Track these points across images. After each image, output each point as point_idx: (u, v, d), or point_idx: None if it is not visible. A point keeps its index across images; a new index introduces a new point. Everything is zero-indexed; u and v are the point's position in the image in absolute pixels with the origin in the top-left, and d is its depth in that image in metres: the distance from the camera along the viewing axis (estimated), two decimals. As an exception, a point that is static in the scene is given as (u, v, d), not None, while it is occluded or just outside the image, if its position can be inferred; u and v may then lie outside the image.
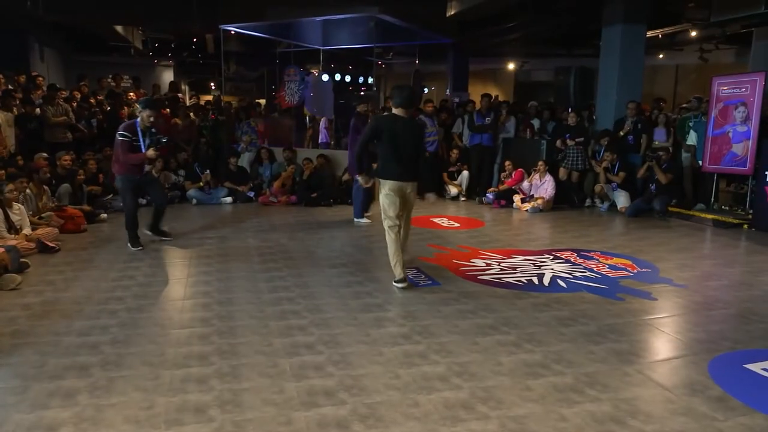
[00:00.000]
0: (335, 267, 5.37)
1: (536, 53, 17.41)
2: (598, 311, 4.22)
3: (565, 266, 5.46)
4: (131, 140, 5.86)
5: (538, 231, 7.46)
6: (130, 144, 5.85)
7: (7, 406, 2.75)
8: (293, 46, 12.48)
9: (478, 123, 9.55)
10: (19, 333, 3.64)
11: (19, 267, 4.83)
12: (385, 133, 4.66)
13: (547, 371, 3.20)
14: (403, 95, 4.75)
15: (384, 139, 4.66)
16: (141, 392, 2.90)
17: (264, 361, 3.29)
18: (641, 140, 8.81)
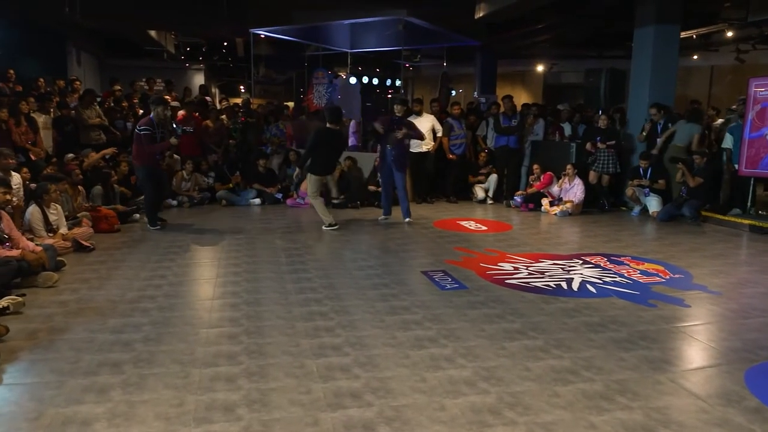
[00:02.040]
0: (362, 269, 5.39)
1: (566, 55, 17.20)
2: (629, 317, 4.14)
3: (595, 271, 5.38)
4: (152, 132, 6.68)
5: (566, 235, 7.36)
6: (152, 136, 6.70)
7: (43, 400, 2.83)
8: (321, 49, 12.58)
9: (505, 125, 9.47)
10: (56, 329, 3.75)
11: (56, 265, 4.97)
12: (323, 142, 7.12)
13: (576, 377, 3.16)
14: (334, 114, 7.27)
15: (322, 145, 7.12)
16: (171, 390, 2.96)
17: (291, 361, 3.31)
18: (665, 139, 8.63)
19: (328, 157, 7.31)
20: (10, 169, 5.90)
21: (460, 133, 9.63)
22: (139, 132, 6.76)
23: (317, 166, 7.14)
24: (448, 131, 9.52)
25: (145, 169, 6.89)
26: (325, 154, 7.17)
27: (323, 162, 7.19)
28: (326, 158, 7.25)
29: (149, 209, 7.01)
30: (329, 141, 7.14)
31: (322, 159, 7.15)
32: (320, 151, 7.08)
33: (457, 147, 9.61)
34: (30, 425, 2.61)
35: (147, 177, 6.92)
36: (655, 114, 8.72)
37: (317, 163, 7.12)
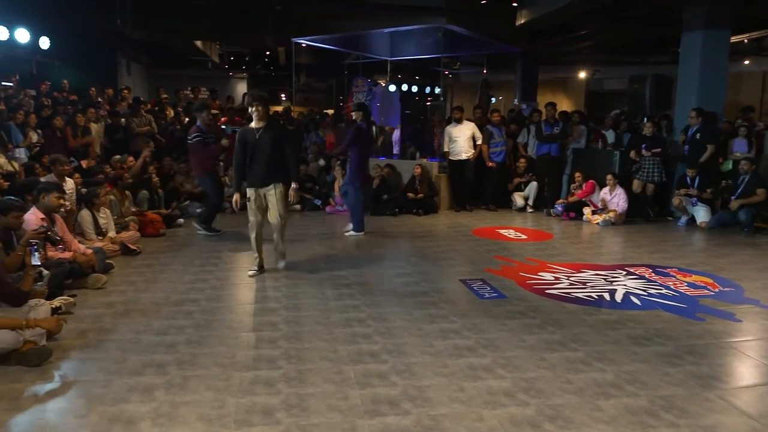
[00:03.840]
0: (400, 276, 5.39)
1: (609, 61, 16.84)
2: (675, 331, 4.01)
3: (640, 282, 5.23)
4: (204, 138, 6.92)
5: (609, 245, 7.18)
6: (204, 141, 6.94)
7: (91, 398, 2.93)
8: (361, 58, 12.69)
9: (547, 132, 9.33)
10: (104, 330, 3.88)
11: (105, 268, 5.15)
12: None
13: (619, 392, 3.07)
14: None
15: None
16: (213, 392, 3.02)
17: (329, 367, 3.34)
18: (704, 150, 8.30)
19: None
20: (65, 175, 6.16)
21: (500, 141, 9.54)
22: (191, 141, 6.93)
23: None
24: (488, 139, 9.44)
25: (209, 177, 7.15)
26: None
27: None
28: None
29: (209, 216, 7.16)
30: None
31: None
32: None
33: (497, 155, 9.52)
34: (78, 422, 2.71)
35: (213, 184, 7.19)
36: (693, 117, 8.42)
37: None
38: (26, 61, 9.32)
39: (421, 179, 9.16)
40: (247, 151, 5.12)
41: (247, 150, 5.12)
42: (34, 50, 8.07)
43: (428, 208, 9.04)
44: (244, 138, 5.16)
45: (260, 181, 5.17)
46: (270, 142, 5.08)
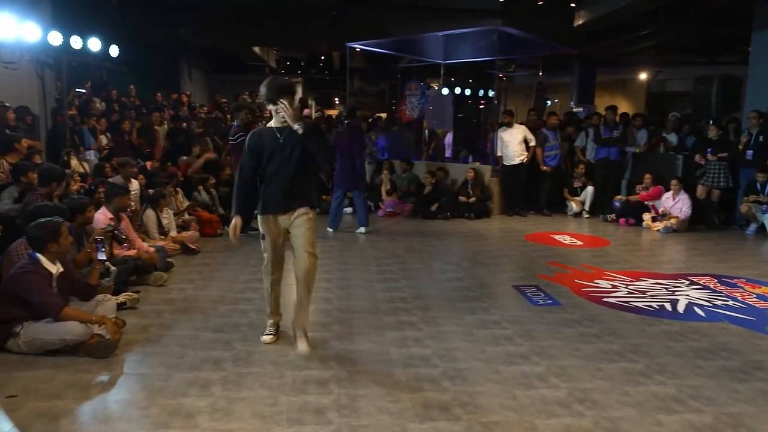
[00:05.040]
0: (451, 281, 5.35)
1: (672, 61, 16.20)
2: (743, 345, 3.81)
3: (704, 293, 4.99)
4: (245, 136, 6.69)
5: (671, 253, 6.90)
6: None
7: (153, 391, 3.05)
8: (415, 61, 12.70)
9: (606, 136, 9.05)
10: (164, 325, 4.04)
11: (166, 266, 5.36)
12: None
13: (681, 407, 2.94)
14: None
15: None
16: (267, 389, 3.08)
17: (380, 369, 3.35)
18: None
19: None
20: (131, 177, 6.46)
21: (554, 144, 9.33)
22: (233, 141, 7.12)
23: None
24: (542, 142, 9.26)
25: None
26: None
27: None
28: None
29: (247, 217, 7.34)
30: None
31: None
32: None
33: (552, 158, 9.32)
34: (141, 413, 2.83)
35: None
36: (753, 119, 7.97)
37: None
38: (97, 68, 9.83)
39: (474, 183, 9.07)
40: (261, 161, 3.60)
41: (260, 160, 3.60)
42: (105, 58, 8.49)
43: (480, 213, 8.95)
44: (257, 143, 3.60)
45: (282, 205, 3.59)
46: (299, 148, 3.50)
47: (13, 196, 4.97)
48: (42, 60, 7.98)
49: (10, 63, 7.43)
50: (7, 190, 5.05)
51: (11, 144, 5.65)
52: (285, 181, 3.56)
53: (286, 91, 3.50)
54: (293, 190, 3.58)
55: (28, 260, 3.56)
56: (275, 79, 3.57)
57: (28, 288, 3.42)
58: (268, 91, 3.51)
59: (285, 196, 3.58)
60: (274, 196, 3.60)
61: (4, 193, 5.04)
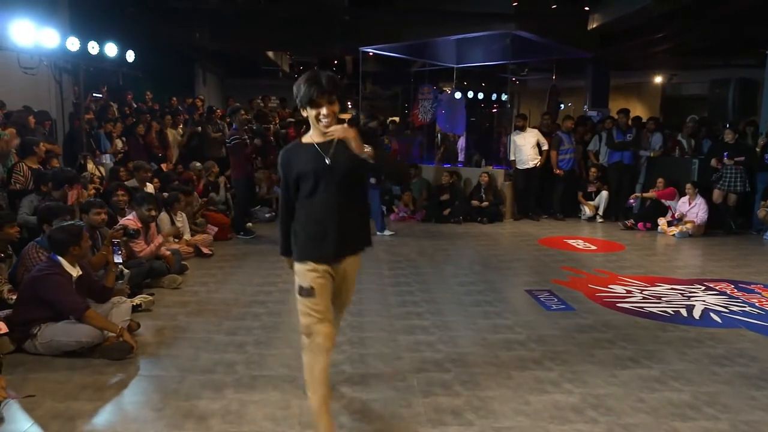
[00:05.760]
0: (464, 285, 5.33)
1: (687, 64, 16.04)
2: (760, 352, 3.75)
3: (720, 299, 4.93)
4: (240, 139, 7.17)
5: (686, 258, 6.82)
6: (242, 143, 7.14)
7: (167, 393, 3.08)
8: (428, 65, 12.71)
9: (619, 140, 8.99)
10: (178, 328, 4.07)
11: (180, 269, 5.40)
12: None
13: (697, 414, 2.90)
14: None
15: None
16: (279, 393, 3.10)
17: (393, 373, 3.35)
18: None
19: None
20: (146, 181, 6.55)
21: (569, 148, 9.27)
22: (229, 144, 7.32)
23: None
24: (557, 145, 9.20)
25: (245, 181, 7.37)
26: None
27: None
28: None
29: (240, 219, 7.40)
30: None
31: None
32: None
33: (565, 162, 9.26)
34: (155, 415, 2.85)
35: (245, 187, 7.41)
36: None
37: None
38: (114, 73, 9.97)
39: (487, 187, 9.05)
40: (303, 191, 2.59)
41: (300, 189, 2.60)
42: (121, 63, 8.62)
43: (493, 217, 8.91)
44: (291, 166, 2.60)
45: (334, 252, 2.63)
46: (352, 169, 2.54)
47: (33, 205, 5.03)
48: (60, 65, 8.10)
49: (29, 68, 7.55)
50: (27, 198, 5.12)
51: (31, 147, 5.75)
52: (338, 216, 2.55)
53: (327, 86, 2.44)
54: (350, 229, 2.63)
55: (50, 263, 3.62)
56: (317, 75, 2.46)
57: (53, 289, 3.48)
58: (307, 88, 2.43)
59: (339, 238, 2.58)
60: (323, 239, 2.57)
61: (24, 200, 5.11)
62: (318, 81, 2.43)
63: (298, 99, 2.49)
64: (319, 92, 2.42)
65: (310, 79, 2.44)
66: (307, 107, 2.48)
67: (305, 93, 2.44)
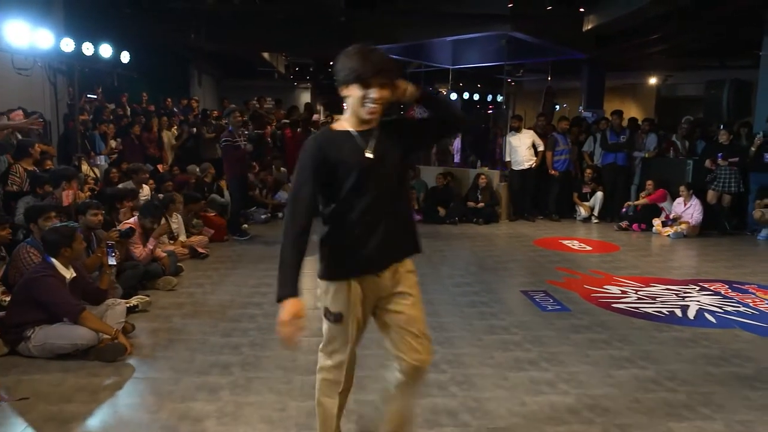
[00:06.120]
0: (459, 286, 5.34)
1: (682, 65, 16.10)
2: (755, 352, 3.77)
3: (715, 299, 4.95)
4: (232, 141, 7.13)
5: (681, 259, 6.84)
6: (233, 145, 7.11)
7: (162, 395, 3.07)
8: (423, 66, 12.72)
9: (612, 141, 9.02)
10: (174, 330, 4.06)
11: (176, 270, 5.39)
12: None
13: (692, 414, 2.91)
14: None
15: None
16: (275, 394, 3.09)
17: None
18: None
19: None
20: (143, 183, 6.55)
21: (564, 149, 9.30)
22: (220, 145, 7.33)
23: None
24: (552, 146, 9.23)
25: (237, 182, 7.36)
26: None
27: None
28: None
29: (235, 220, 7.39)
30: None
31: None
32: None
33: (561, 163, 9.28)
34: (150, 417, 2.84)
35: (238, 188, 7.40)
36: None
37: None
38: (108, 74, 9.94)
39: (483, 188, 9.06)
40: (338, 188, 2.09)
41: (335, 186, 2.09)
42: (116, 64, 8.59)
43: (489, 218, 8.92)
44: (326, 156, 2.07)
45: (379, 261, 2.15)
46: (399, 162, 2.16)
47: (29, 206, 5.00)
48: (54, 66, 8.06)
49: (23, 69, 7.51)
50: (23, 200, 5.10)
51: (26, 149, 5.73)
52: (383, 219, 2.11)
53: (382, 68, 2.01)
54: (395, 233, 2.15)
55: (43, 264, 3.60)
56: (373, 50, 2.04)
57: (46, 291, 3.47)
58: (359, 63, 1.99)
59: (384, 244, 2.12)
60: (363, 248, 2.10)
61: (20, 202, 5.09)
62: (373, 56, 2.01)
63: (342, 74, 2.03)
64: (373, 70, 1.98)
65: (363, 52, 2.01)
66: (352, 85, 2.02)
67: (354, 68, 1.99)
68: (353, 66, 2.00)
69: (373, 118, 2.06)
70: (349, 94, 2.05)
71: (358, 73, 1.99)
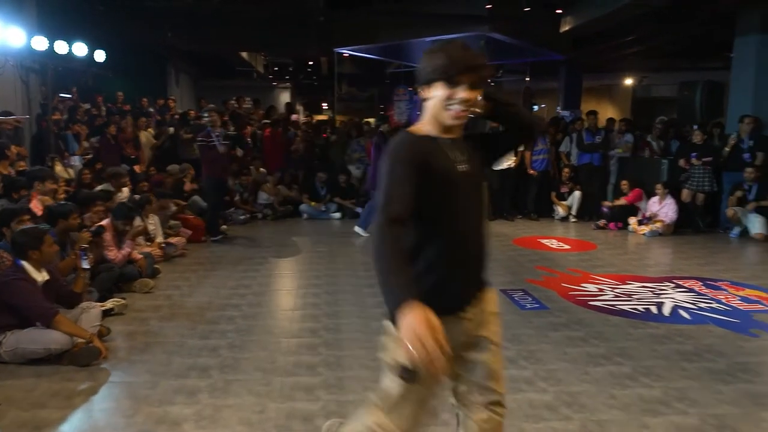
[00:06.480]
0: (439, 285, 5.35)
1: (657, 67, 16.40)
2: (727, 347, 3.84)
3: (689, 296, 5.04)
4: (207, 141, 7.03)
5: (657, 256, 6.96)
6: (207, 145, 7.01)
7: (138, 399, 3.02)
8: (403, 67, 12.75)
9: (588, 142, 9.14)
10: (151, 333, 4.00)
11: (152, 273, 5.31)
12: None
13: (667, 409, 2.96)
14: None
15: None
16: (254, 396, 3.06)
17: (369, 375, 3.34)
18: (756, 159, 7.93)
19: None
20: (122, 187, 6.45)
21: (542, 149, 9.39)
22: (197, 144, 7.25)
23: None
24: (531, 146, 9.31)
25: (211, 181, 7.23)
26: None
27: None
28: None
29: (212, 221, 7.27)
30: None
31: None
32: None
33: (539, 162, 9.38)
34: (126, 422, 2.80)
35: (212, 188, 7.28)
36: (745, 125, 8.07)
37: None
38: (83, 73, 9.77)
39: (462, 188, 9.10)
40: (432, 206, 1.74)
41: (429, 204, 1.72)
42: (90, 63, 8.44)
43: (469, 217, 8.96)
44: (429, 164, 1.73)
45: (469, 291, 1.87)
46: (483, 178, 1.92)
47: None
48: (27, 65, 7.91)
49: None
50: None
51: (3, 151, 5.62)
52: (471, 244, 1.83)
53: (480, 69, 1.77)
54: (480, 261, 1.87)
55: (14, 267, 3.53)
56: (465, 46, 1.78)
57: (18, 294, 3.39)
58: (448, 60, 1.73)
59: (470, 274, 1.85)
60: (451, 279, 1.79)
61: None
62: (463, 52, 1.74)
63: (425, 73, 1.77)
64: (462, 66, 1.72)
65: (451, 48, 1.74)
66: (436, 84, 1.75)
67: (440, 64, 1.73)
68: (439, 62, 1.74)
69: (458, 124, 1.79)
70: (430, 95, 1.79)
71: (443, 69, 1.73)
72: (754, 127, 8.07)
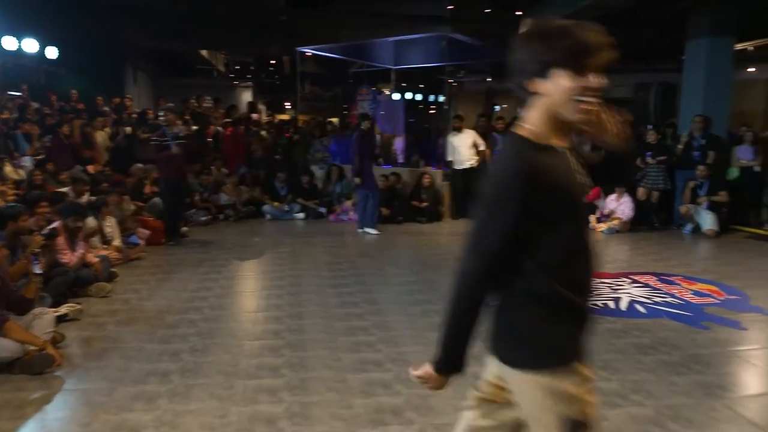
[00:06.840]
0: (404, 284, 5.38)
1: (613, 69, 16.80)
2: (681, 340, 3.98)
3: (644, 290, 5.20)
4: (160, 142, 6.82)
5: (614, 253, 7.15)
6: (160, 145, 6.81)
7: (95, 406, 2.93)
8: (366, 66, 12.75)
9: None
10: (108, 338, 3.88)
11: (109, 276, 5.16)
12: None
13: (624, 401, 3.05)
14: None
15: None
16: (216, 400, 3.01)
17: (332, 375, 3.32)
18: (708, 158, 8.27)
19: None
20: (83, 193, 6.23)
21: (503, 149, 9.53)
22: (151, 144, 7.09)
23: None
24: (492, 147, 9.44)
25: (166, 182, 7.01)
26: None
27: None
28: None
29: (170, 224, 7.02)
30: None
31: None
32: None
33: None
34: (82, 430, 2.71)
35: (168, 189, 7.03)
36: (698, 122, 8.38)
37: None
38: (34, 70, 9.41)
39: (427, 188, 9.17)
40: (544, 232, 1.45)
41: (554, 230, 1.45)
42: (42, 60, 8.14)
43: (432, 217, 9.04)
44: (536, 184, 1.40)
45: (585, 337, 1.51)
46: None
47: None
48: (-27, 61, 7.58)
49: (-64, 64, 7.03)
50: None
51: None
52: (590, 274, 1.57)
53: (601, 47, 1.49)
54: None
55: (-42, 273, 3.37)
56: (594, 27, 1.48)
57: None
58: (580, 40, 1.44)
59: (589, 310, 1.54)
60: (580, 315, 1.52)
61: None
62: (590, 33, 1.44)
63: (544, 58, 1.42)
64: (594, 49, 1.44)
65: (575, 27, 1.42)
66: (557, 72, 1.43)
67: (569, 48, 1.40)
68: (562, 46, 1.39)
69: (585, 120, 1.47)
70: (545, 89, 1.44)
71: (570, 53, 1.38)
72: (704, 126, 8.39)
